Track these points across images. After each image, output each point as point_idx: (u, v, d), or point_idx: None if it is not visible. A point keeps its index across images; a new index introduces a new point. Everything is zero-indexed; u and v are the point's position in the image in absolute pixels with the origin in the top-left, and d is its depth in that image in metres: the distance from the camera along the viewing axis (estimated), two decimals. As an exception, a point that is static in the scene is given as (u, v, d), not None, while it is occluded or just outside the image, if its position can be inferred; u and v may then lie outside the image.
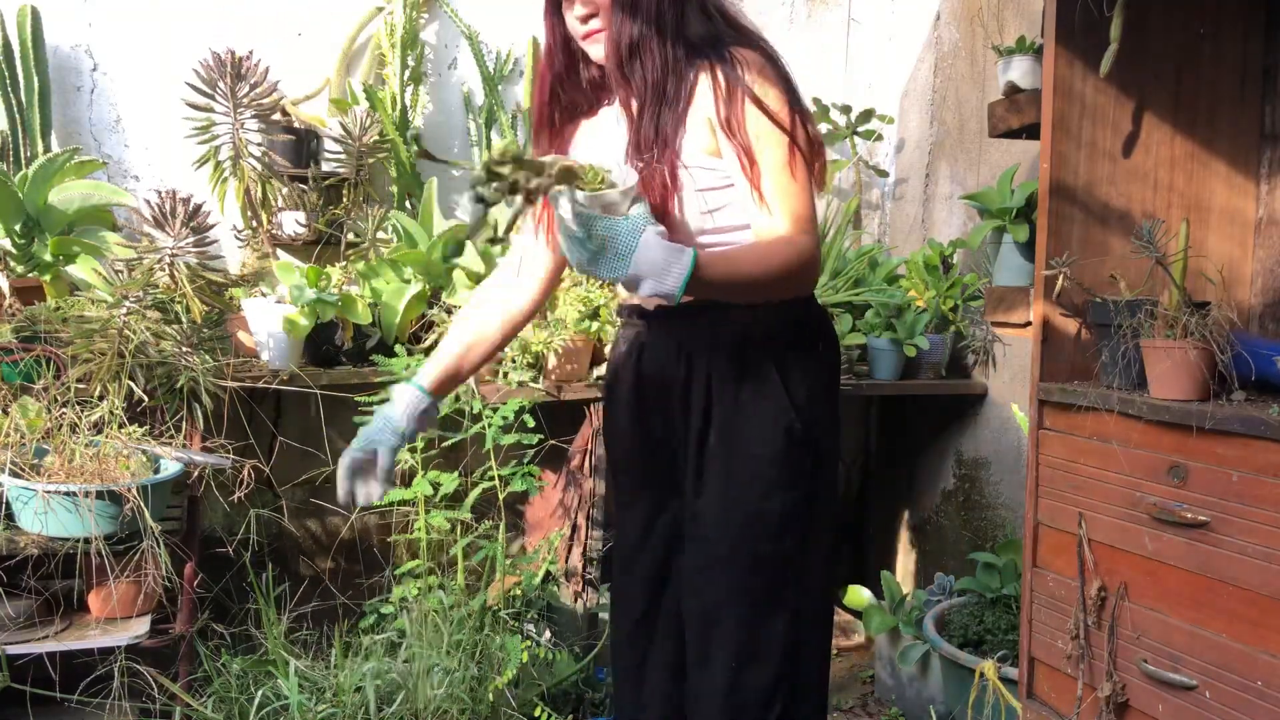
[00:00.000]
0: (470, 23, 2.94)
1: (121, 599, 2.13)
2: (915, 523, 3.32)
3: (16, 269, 2.32)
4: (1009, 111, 2.56)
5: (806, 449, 1.57)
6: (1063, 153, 1.98)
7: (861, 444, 3.58)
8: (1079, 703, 1.88)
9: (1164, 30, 2.01)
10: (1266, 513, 1.55)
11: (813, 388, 1.59)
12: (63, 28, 2.67)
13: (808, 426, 1.56)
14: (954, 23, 3.27)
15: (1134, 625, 1.78)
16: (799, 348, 1.59)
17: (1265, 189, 2.11)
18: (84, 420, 2.03)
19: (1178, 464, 1.69)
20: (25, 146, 2.53)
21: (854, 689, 3.07)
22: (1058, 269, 1.91)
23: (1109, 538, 1.83)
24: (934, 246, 3.03)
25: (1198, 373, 1.70)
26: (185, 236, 2.39)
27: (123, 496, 1.95)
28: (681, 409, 1.60)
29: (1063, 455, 1.93)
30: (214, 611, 2.33)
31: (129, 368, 2.10)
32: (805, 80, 3.45)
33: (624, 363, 1.68)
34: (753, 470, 1.56)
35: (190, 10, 2.75)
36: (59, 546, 1.97)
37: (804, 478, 1.57)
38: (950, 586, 2.82)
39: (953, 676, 2.47)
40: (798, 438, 1.55)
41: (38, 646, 2.00)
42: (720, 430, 1.57)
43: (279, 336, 2.42)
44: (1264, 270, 2.11)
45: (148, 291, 2.20)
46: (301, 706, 2.06)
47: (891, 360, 2.94)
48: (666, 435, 1.64)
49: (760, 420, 1.55)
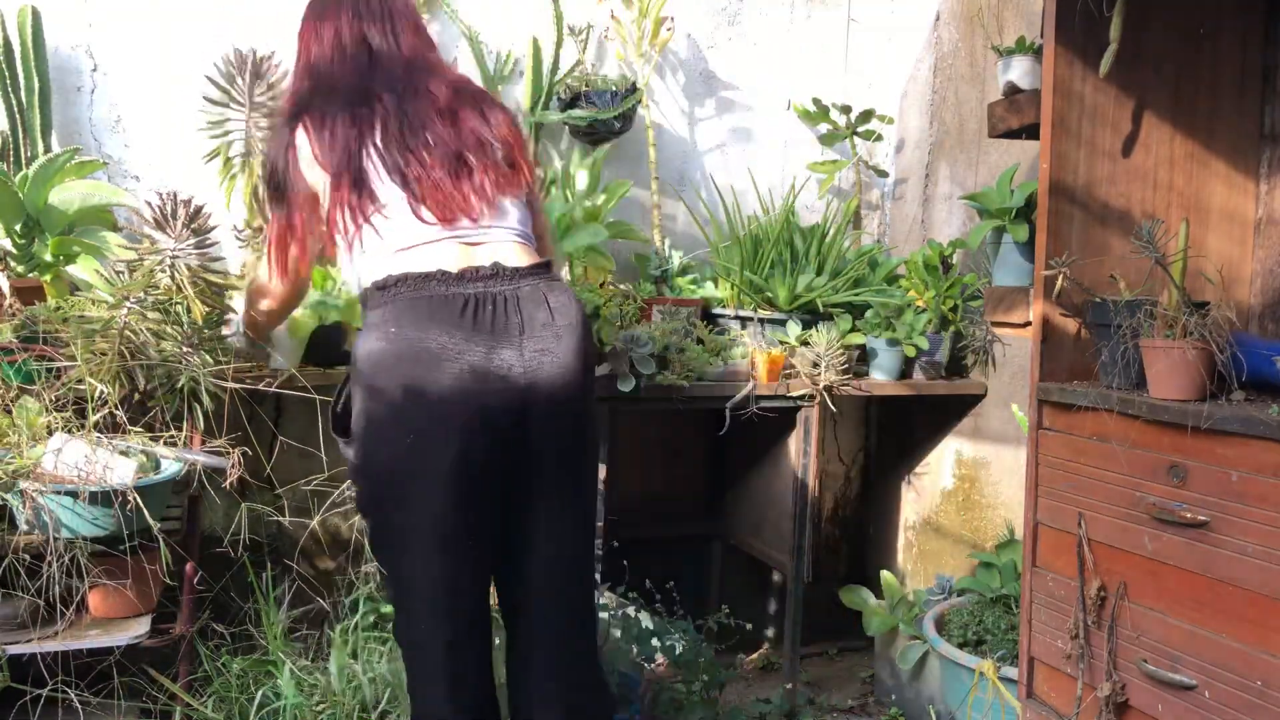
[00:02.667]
0: (470, 23, 2.94)
1: (121, 599, 2.13)
2: (915, 523, 3.32)
3: (17, 269, 2.32)
4: (1008, 111, 2.56)
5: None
6: (1062, 152, 1.98)
7: (861, 444, 3.58)
8: (1079, 702, 1.88)
9: (1164, 30, 2.01)
10: (1266, 512, 1.55)
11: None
12: (63, 28, 2.67)
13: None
14: (954, 23, 3.27)
15: (1134, 625, 1.78)
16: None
17: (1265, 189, 2.11)
18: (87, 421, 2.03)
19: (1177, 464, 1.70)
20: (25, 146, 2.53)
21: (854, 689, 3.08)
22: (1057, 269, 1.92)
23: (1109, 537, 1.83)
24: (934, 246, 3.03)
25: (1197, 373, 1.70)
26: (186, 238, 2.38)
27: (123, 496, 1.95)
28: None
29: (1062, 455, 1.93)
30: (214, 611, 2.34)
31: (130, 368, 2.09)
32: (805, 80, 3.46)
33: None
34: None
35: (190, 10, 2.75)
36: (59, 546, 1.97)
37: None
38: (950, 586, 2.82)
39: (952, 676, 2.47)
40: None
41: (38, 646, 2.00)
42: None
43: (281, 337, 2.42)
44: (1263, 270, 2.12)
45: (148, 293, 2.20)
46: (300, 706, 2.06)
47: (891, 360, 2.94)
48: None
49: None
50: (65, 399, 2.05)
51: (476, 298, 1.73)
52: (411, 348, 1.69)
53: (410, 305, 1.71)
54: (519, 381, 1.72)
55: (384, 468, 1.73)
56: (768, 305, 2.96)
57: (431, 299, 1.71)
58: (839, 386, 2.82)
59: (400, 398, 1.69)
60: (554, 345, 1.76)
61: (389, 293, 1.74)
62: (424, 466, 1.70)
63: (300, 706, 2.08)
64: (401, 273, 1.74)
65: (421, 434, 1.69)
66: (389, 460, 1.72)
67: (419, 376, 1.68)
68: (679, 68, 3.27)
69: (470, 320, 1.71)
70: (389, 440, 1.71)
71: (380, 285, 1.75)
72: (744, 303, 2.94)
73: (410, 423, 1.69)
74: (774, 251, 3.00)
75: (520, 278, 1.78)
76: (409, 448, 1.70)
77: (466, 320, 1.71)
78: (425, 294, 1.72)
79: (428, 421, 1.69)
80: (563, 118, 2.96)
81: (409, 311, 1.71)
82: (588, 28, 3.10)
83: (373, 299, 1.77)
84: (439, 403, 1.68)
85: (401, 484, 1.72)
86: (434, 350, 1.68)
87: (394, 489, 1.73)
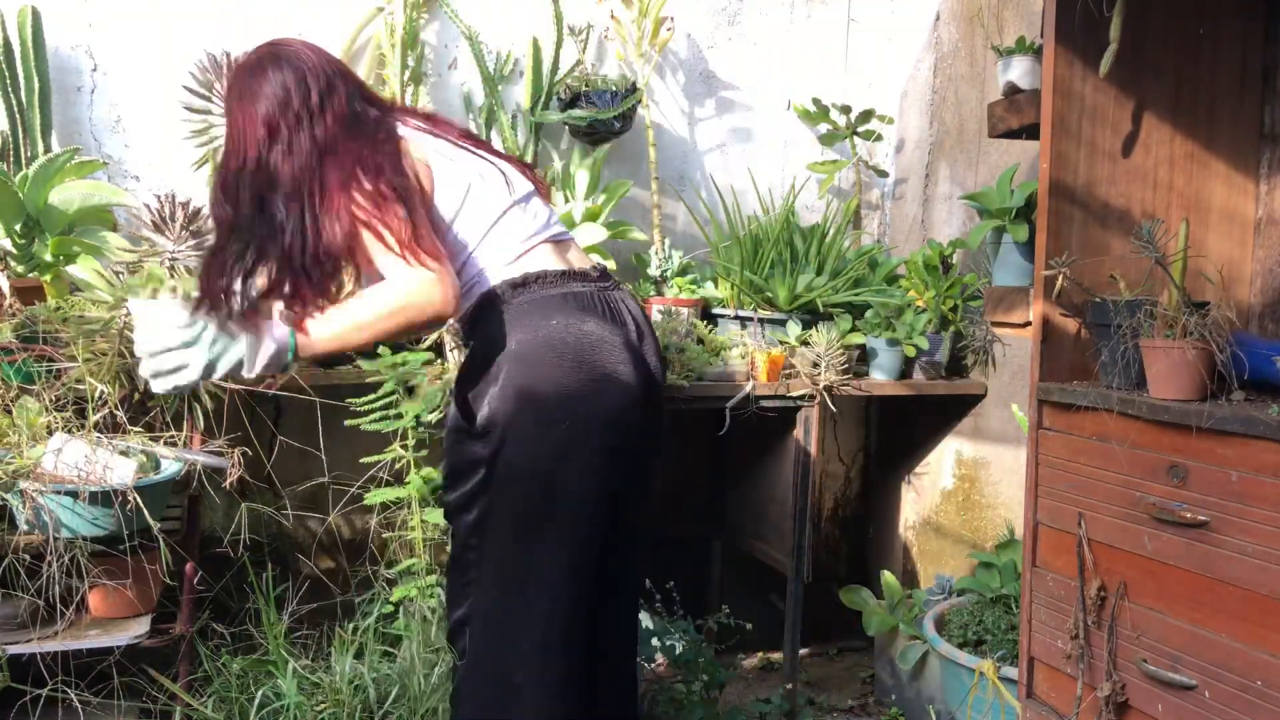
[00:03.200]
0: (470, 23, 2.94)
1: (122, 599, 2.13)
2: (915, 523, 3.32)
3: (17, 269, 2.32)
4: (1008, 111, 2.56)
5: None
6: (1062, 152, 1.98)
7: (861, 444, 3.58)
8: (1078, 702, 1.88)
9: (1164, 30, 2.01)
10: (1266, 512, 1.55)
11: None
12: (63, 28, 2.67)
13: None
14: (954, 23, 3.27)
15: (1134, 625, 1.78)
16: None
17: (1265, 189, 2.11)
18: (87, 421, 2.03)
19: (1177, 464, 1.70)
20: (25, 146, 2.53)
21: (854, 688, 3.08)
22: (1057, 269, 1.92)
23: (1109, 537, 1.83)
24: (934, 246, 3.03)
25: (1197, 372, 1.70)
26: (185, 240, 2.39)
27: (123, 496, 1.95)
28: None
29: (1063, 455, 1.93)
30: (214, 611, 2.34)
31: (130, 368, 2.09)
32: (805, 80, 3.46)
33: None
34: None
35: (190, 10, 2.76)
36: (59, 546, 1.97)
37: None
38: (950, 586, 2.82)
39: (952, 676, 2.47)
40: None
41: (38, 646, 2.00)
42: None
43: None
44: (1263, 270, 2.12)
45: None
46: (300, 706, 2.06)
47: (891, 360, 2.94)
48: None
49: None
50: (65, 399, 2.05)
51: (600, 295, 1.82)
52: (577, 336, 1.73)
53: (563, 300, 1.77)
54: (653, 370, 1.82)
55: (556, 450, 1.71)
56: (768, 305, 2.96)
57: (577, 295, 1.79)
58: (839, 386, 2.82)
59: (577, 378, 1.71)
60: (654, 343, 1.86)
61: (527, 289, 1.77)
62: (600, 443, 1.72)
63: (302, 706, 2.08)
64: (539, 270, 1.79)
65: (601, 410, 1.72)
66: (559, 444, 1.71)
67: (593, 362, 1.72)
68: (679, 68, 3.27)
69: (606, 312, 1.79)
70: (558, 422, 1.71)
71: (516, 282, 1.78)
72: (744, 303, 2.94)
73: (590, 401, 1.71)
74: (774, 251, 3.00)
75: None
76: (579, 428, 1.71)
77: (605, 312, 1.79)
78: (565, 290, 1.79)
79: (609, 396, 1.73)
80: (563, 118, 2.96)
81: (564, 304, 1.77)
82: (588, 28, 3.10)
83: (507, 293, 1.78)
84: (615, 381, 1.72)
85: (572, 460, 1.72)
86: (597, 334, 1.74)
87: (569, 464, 1.72)
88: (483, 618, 1.79)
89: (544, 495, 1.71)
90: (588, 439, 1.70)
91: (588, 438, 1.70)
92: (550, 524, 1.72)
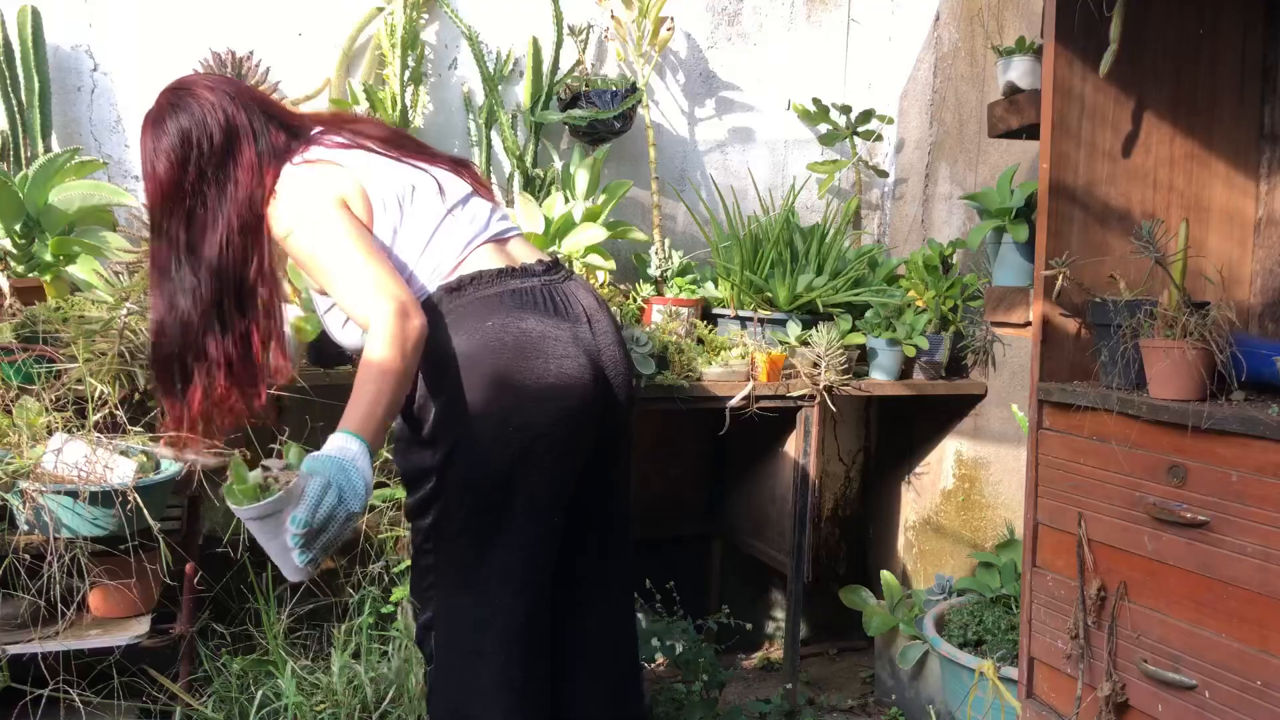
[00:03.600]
0: (470, 23, 2.94)
1: (122, 599, 2.13)
2: (915, 523, 3.32)
3: (17, 269, 2.32)
4: (1008, 112, 2.56)
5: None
6: (1062, 153, 1.98)
7: (861, 444, 3.58)
8: (1079, 702, 1.88)
9: (1164, 30, 2.01)
10: (1266, 512, 1.55)
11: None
12: (63, 28, 2.67)
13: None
14: (954, 23, 3.28)
15: (1134, 625, 1.78)
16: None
17: (1265, 189, 2.11)
18: (87, 421, 2.03)
19: (1177, 464, 1.70)
20: (25, 146, 2.53)
21: (854, 688, 3.08)
22: (1057, 269, 1.92)
23: (1109, 538, 1.83)
24: (934, 246, 3.03)
25: (1197, 372, 1.70)
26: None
27: (123, 496, 1.95)
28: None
29: (1063, 455, 1.93)
30: (214, 611, 2.33)
31: (130, 368, 2.09)
32: (805, 80, 3.46)
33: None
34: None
35: (191, 10, 2.75)
36: (59, 546, 1.97)
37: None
38: (950, 586, 2.82)
39: (952, 676, 2.47)
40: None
41: (38, 646, 2.00)
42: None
43: (285, 339, 2.42)
44: (1263, 270, 2.12)
45: (149, 294, 2.20)
46: (300, 706, 2.06)
47: (891, 360, 2.94)
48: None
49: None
50: (65, 399, 2.05)
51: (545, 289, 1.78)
52: (515, 335, 1.70)
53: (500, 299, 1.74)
54: (607, 361, 1.78)
55: (506, 451, 1.69)
56: (768, 305, 2.96)
57: (514, 293, 1.75)
58: (839, 386, 2.82)
59: (519, 378, 1.68)
60: (613, 330, 1.81)
61: (463, 293, 1.74)
62: (551, 441, 1.69)
63: (301, 706, 2.08)
64: (474, 271, 1.76)
65: (548, 408, 1.69)
66: (509, 446, 1.68)
67: (534, 360, 1.68)
68: (679, 68, 3.27)
69: (549, 306, 1.76)
70: (506, 423, 1.68)
71: (452, 287, 1.75)
72: (744, 303, 2.94)
73: (535, 400, 1.68)
74: (774, 251, 3.00)
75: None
76: (527, 428, 1.68)
77: (548, 306, 1.75)
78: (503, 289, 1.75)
79: (553, 393, 1.69)
80: (563, 118, 2.97)
81: (501, 304, 1.74)
82: (588, 28, 3.10)
83: (444, 300, 1.74)
84: (559, 377, 1.69)
85: (525, 460, 1.69)
86: (538, 330, 1.70)
87: (522, 464, 1.69)
88: (445, 620, 1.78)
89: (496, 498, 1.70)
90: (536, 438, 1.68)
91: (536, 437, 1.68)
92: (505, 525, 1.71)
